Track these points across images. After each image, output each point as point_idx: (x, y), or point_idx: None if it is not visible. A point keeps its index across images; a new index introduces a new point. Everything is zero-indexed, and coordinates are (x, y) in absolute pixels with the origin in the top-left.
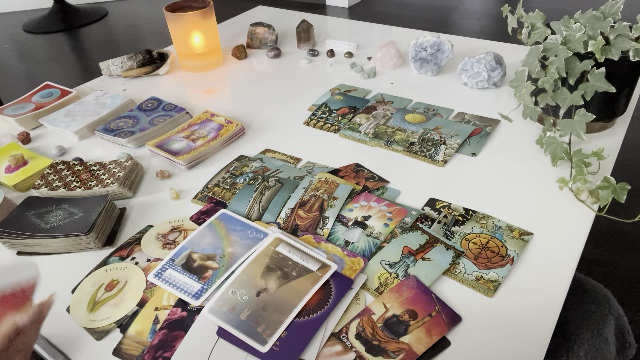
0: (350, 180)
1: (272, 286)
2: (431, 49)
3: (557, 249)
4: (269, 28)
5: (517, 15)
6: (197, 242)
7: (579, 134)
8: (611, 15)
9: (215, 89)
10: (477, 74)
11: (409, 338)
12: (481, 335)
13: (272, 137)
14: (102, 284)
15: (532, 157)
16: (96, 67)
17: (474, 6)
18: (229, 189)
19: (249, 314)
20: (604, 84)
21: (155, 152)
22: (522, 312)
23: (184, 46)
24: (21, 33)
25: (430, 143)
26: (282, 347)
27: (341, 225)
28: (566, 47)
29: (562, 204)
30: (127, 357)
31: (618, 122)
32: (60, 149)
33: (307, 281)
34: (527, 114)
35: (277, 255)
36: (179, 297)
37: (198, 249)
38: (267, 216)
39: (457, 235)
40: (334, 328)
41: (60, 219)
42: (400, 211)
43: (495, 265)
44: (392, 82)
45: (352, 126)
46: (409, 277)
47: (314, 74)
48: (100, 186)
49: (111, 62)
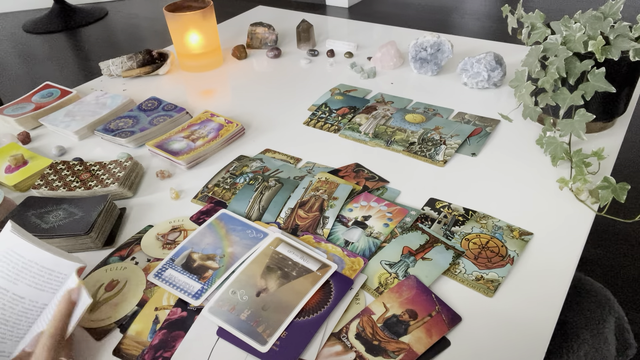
0: (350, 180)
1: (272, 286)
2: (431, 49)
3: (557, 249)
4: (269, 28)
5: (517, 15)
6: (197, 242)
7: (579, 134)
8: (611, 15)
9: (215, 89)
10: (477, 74)
11: (409, 338)
12: (481, 335)
13: (272, 137)
14: (102, 284)
15: (532, 157)
16: (96, 67)
17: (474, 6)
18: (229, 189)
19: (249, 314)
20: (604, 84)
21: (155, 152)
22: (522, 312)
23: (184, 46)
24: (21, 33)
25: (430, 143)
26: (282, 347)
27: (341, 225)
28: (566, 47)
29: (562, 204)
30: (127, 357)
31: (618, 122)
32: (60, 149)
33: (307, 281)
34: (527, 114)
35: (277, 255)
36: (179, 297)
37: (198, 249)
38: (267, 216)
39: (457, 235)
40: (334, 328)
41: (60, 219)
42: (400, 211)
43: (495, 265)
44: (392, 82)
45: (352, 126)
46: (409, 277)
47: (314, 74)
48: (100, 186)
49: (111, 62)
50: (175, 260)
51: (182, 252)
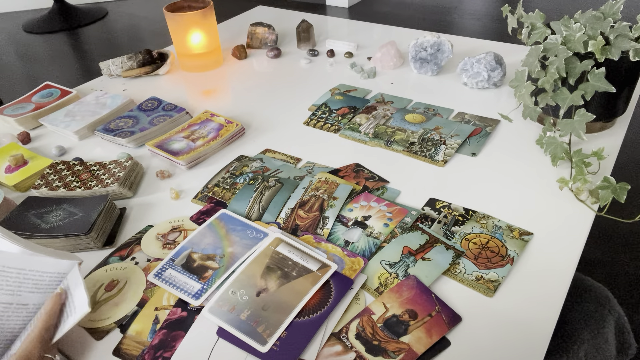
0: (350, 180)
1: (272, 286)
2: (431, 49)
3: (557, 249)
4: (269, 28)
5: (517, 15)
6: (197, 242)
7: (579, 134)
8: (611, 15)
9: (215, 89)
10: (477, 74)
11: (409, 338)
12: (481, 335)
13: (272, 137)
14: (102, 284)
15: (532, 157)
16: (96, 67)
17: (474, 6)
18: (229, 189)
19: (249, 314)
20: (604, 84)
21: (155, 152)
22: (522, 312)
23: (184, 46)
24: (21, 33)
25: (430, 143)
26: (282, 347)
27: (341, 225)
28: (566, 47)
29: (562, 204)
30: (127, 357)
31: (618, 122)
32: (60, 149)
33: (307, 281)
34: (527, 114)
35: (277, 255)
36: (179, 297)
37: (198, 249)
38: (267, 216)
39: (457, 235)
40: (334, 328)
41: (60, 219)
42: (400, 211)
43: (495, 265)
44: (392, 82)
45: (352, 126)
46: (409, 277)
47: (314, 74)
48: (100, 186)
49: (111, 62)
50: (175, 260)
51: (182, 252)
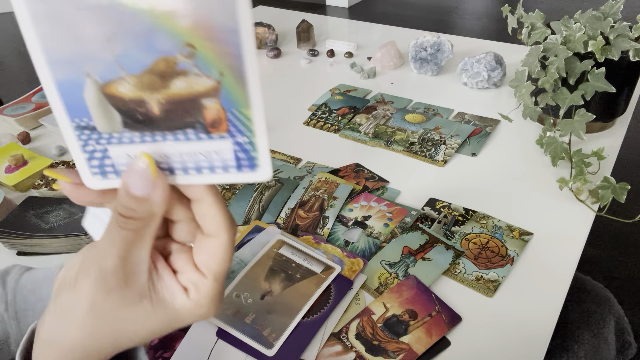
0: (350, 180)
1: (276, 289)
2: (431, 49)
3: (557, 249)
4: (269, 28)
5: (517, 15)
6: None
7: (579, 134)
8: (611, 15)
9: None
10: (477, 74)
11: (409, 338)
12: (481, 335)
13: (272, 137)
14: None
15: (532, 157)
16: None
17: (474, 6)
18: (229, 189)
19: (254, 317)
20: (604, 84)
21: None
22: (522, 312)
23: None
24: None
25: (430, 143)
26: (282, 347)
27: (341, 225)
28: (566, 47)
29: (562, 204)
30: None
31: (618, 122)
32: (60, 149)
33: (312, 283)
34: (527, 114)
35: (280, 257)
36: None
37: None
38: (267, 216)
39: (457, 235)
40: (334, 328)
41: (60, 219)
42: (400, 211)
43: (495, 265)
44: (392, 82)
45: (352, 126)
46: (409, 277)
47: (314, 74)
48: None
49: None
50: None
51: None
